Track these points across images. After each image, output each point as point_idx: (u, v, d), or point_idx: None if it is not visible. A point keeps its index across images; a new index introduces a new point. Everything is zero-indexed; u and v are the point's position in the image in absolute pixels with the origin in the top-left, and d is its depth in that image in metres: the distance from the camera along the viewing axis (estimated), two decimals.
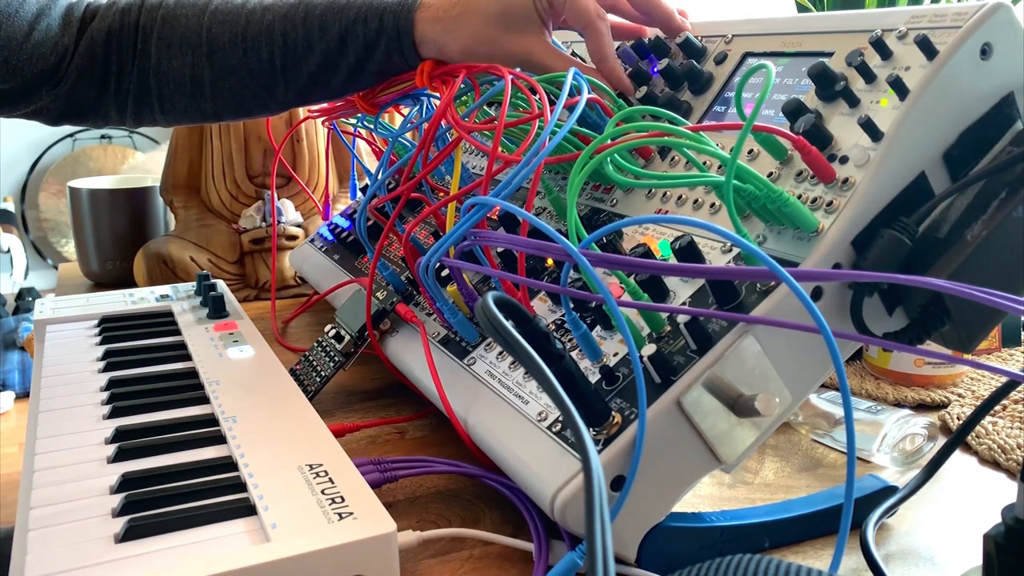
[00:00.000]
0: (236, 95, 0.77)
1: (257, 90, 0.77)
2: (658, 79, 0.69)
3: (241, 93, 0.77)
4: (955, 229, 0.48)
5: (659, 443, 0.46)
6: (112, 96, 0.78)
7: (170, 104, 0.79)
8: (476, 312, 0.41)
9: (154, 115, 0.80)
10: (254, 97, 0.78)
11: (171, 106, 0.79)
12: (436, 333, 0.67)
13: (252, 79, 0.76)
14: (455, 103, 0.64)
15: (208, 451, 0.54)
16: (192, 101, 0.78)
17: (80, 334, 0.77)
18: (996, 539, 0.38)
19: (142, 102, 0.79)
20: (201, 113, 0.79)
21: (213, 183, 1.13)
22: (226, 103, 0.78)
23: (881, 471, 0.61)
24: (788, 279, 0.41)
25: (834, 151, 0.52)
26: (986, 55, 0.49)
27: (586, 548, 0.29)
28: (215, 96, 0.77)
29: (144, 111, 0.80)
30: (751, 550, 0.47)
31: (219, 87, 0.77)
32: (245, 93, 0.77)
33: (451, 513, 0.57)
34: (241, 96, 0.77)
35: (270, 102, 0.78)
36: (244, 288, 1.11)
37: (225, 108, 0.79)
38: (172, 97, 0.78)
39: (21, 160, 3.57)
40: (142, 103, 0.79)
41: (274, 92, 0.77)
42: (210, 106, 0.78)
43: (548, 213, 0.69)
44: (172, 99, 0.78)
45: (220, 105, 0.78)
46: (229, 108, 0.79)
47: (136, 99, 0.79)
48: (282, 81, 0.76)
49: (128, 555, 0.43)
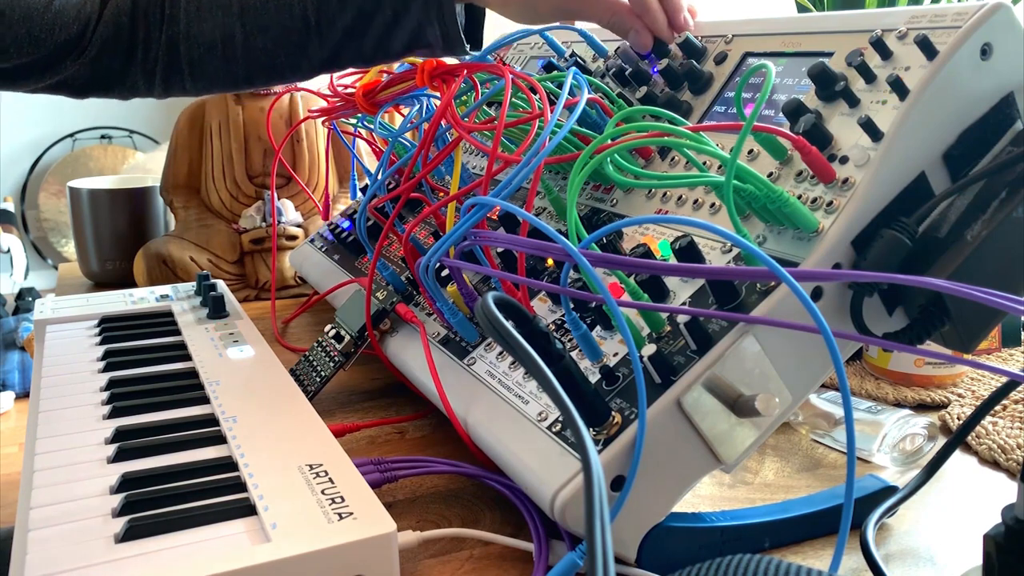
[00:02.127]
0: (269, 55, 0.76)
1: (290, 49, 0.76)
2: (658, 79, 0.69)
3: (274, 53, 0.76)
4: (955, 229, 0.48)
5: (659, 443, 0.46)
6: (140, 65, 0.77)
7: (200, 70, 0.77)
8: (476, 312, 0.41)
9: (184, 83, 0.79)
10: (287, 56, 0.77)
11: (201, 72, 0.77)
12: (436, 333, 0.67)
13: (285, 37, 0.75)
14: (455, 103, 0.64)
15: (208, 451, 0.54)
16: (223, 64, 0.77)
17: (80, 334, 0.77)
18: (996, 539, 0.38)
19: (171, 70, 0.78)
20: (232, 77, 0.78)
21: (213, 183, 1.13)
22: (258, 65, 0.77)
23: (881, 471, 0.61)
24: (788, 279, 0.41)
25: (834, 151, 0.52)
26: (986, 55, 0.49)
27: (586, 548, 0.29)
28: (247, 58, 0.76)
29: (173, 79, 0.78)
30: (751, 550, 0.47)
31: (251, 48, 0.76)
32: (278, 52, 0.76)
33: (451, 513, 0.57)
34: (274, 56, 0.76)
35: (303, 62, 0.77)
36: (244, 288, 1.11)
37: (257, 71, 0.78)
38: (202, 62, 0.77)
39: (21, 160, 3.56)
40: (171, 71, 0.78)
41: (307, 50, 0.76)
42: (242, 69, 0.77)
43: (548, 213, 0.69)
44: (203, 64, 0.77)
45: (252, 67, 0.77)
46: (262, 70, 0.78)
47: (165, 67, 0.77)
48: (316, 38, 0.75)
49: (128, 555, 0.43)
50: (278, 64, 0.77)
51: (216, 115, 1.13)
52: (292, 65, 0.78)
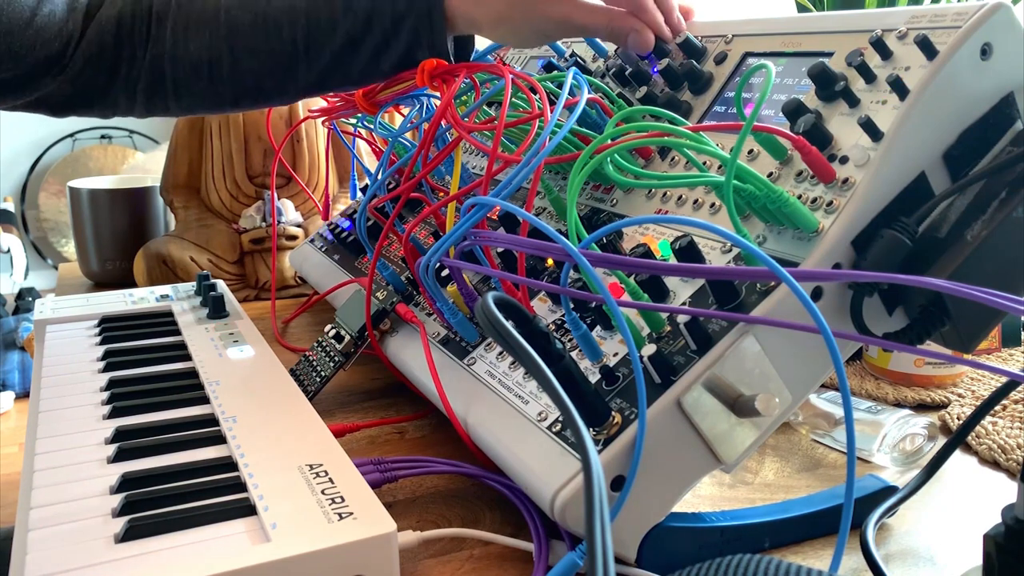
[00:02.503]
0: (256, 78, 0.75)
1: (278, 72, 0.75)
2: (658, 79, 0.69)
3: (261, 76, 0.75)
4: (955, 229, 0.48)
5: (659, 443, 0.46)
6: (122, 84, 0.76)
7: (185, 90, 0.76)
8: (476, 312, 0.41)
9: (167, 103, 0.78)
10: (275, 80, 0.76)
11: (186, 92, 0.77)
12: (436, 333, 0.67)
13: (273, 60, 0.74)
14: (455, 103, 0.64)
15: (208, 451, 0.54)
16: (209, 86, 0.76)
17: (80, 334, 0.77)
18: (996, 539, 0.38)
19: (155, 90, 0.77)
20: (218, 99, 0.77)
21: (213, 183, 1.13)
22: (245, 88, 0.76)
23: (881, 471, 0.61)
24: (788, 279, 0.41)
25: (834, 151, 0.52)
26: (986, 55, 0.49)
27: (586, 548, 0.29)
28: (234, 80, 0.75)
29: (156, 99, 0.77)
30: (751, 550, 0.47)
31: (238, 71, 0.75)
32: (266, 76, 0.75)
33: (451, 513, 0.57)
34: (262, 79, 0.76)
35: (290, 85, 0.76)
36: (244, 288, 1.11)
37: (244, 93, 0.77)
38: (188, 83, 0.76)
39: (21, 160, 3.57)
40: (155, 91, 0.77)
41: (295, 74, 0.75)
42: (228, 91, 0.76)
43: (548, 213, 0.69)
44: (188, 85, 0.76)
45: (239, 90, 0.76)
46: (248, 93, 0.77)
47: (148, 86, 0.76)
48: (304, 62, 0.74)
49: (128, 555, 0.43)
50: (265, 87, 0.76)
51: (216, 115, 1.13)
52: (279, 89, 0.77)
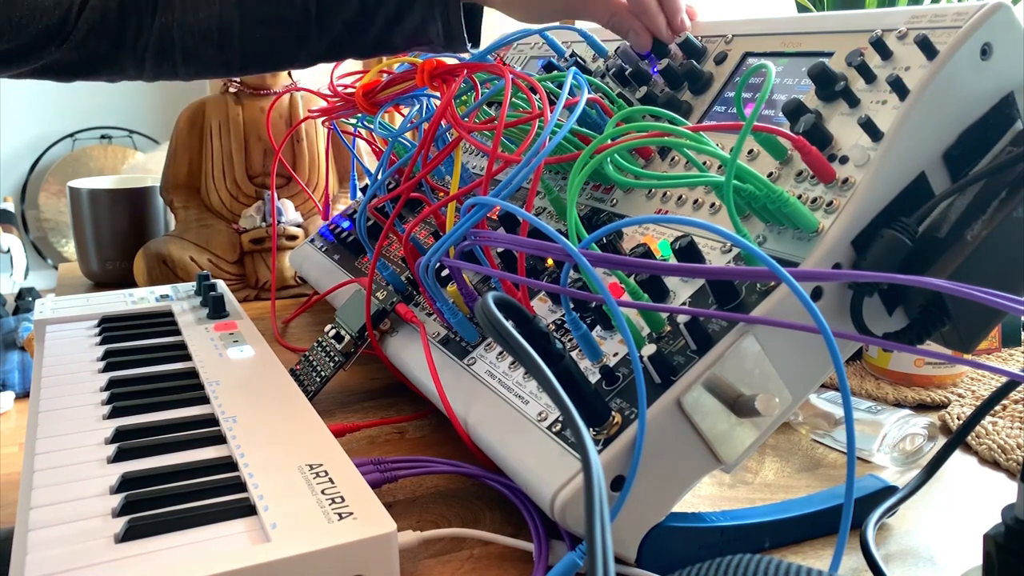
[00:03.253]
0: (267, 46, 0.75)
1: (289, 40, 0.75)
2: (658, 79, 0.69)
3: (272, 43, 0.75)
4: (955, 229, 0.48)
5: (659, 443, 0.46)
6: (129, 51, 0.76)
7: (194, 57, 0.76)
8: (476, 312, 0.41)
9: (176, 69, 0.77)
10: (285, 48, 0.75)
11: (195, 59, 0.76)
12: (436, 333, 0.67)
13: (284, 28, 0.74)
14: (455, 103, 0.64)
15: (208, 451, 0.54)
16: (219, 53, 0.75)
17: (80, 334, 0.77)
18: (996, 539, 0.38)
19: (163, 57, 0.76)
20: (227, 65, 0.77)
21: (213, 183, 1.13)
22: (255, 55, 0.76)
23: (881, 471, 0.61)
24: (788, 279, 0.41)
25: (834, 151, 0.52)
26: (986, 55, 0.49)
27: (586, 548, 0.29)
28: (244, 47, 0.75)
29: (165, 66, 0.77)
30: (751, 550, 0.47)
31: (249, 38, 0.74)
32: (277, 43, 0.75)
33: (451, 513, 0.57)
34: (272, 46, 0.75)
35: (301, 53, 0.76)
36: (244, 288, 1.11)
37: (253, 60, 0.76)
38: (197, 50, 0.75)
39: (21, 160, 3.57)
40: (163, 58, 0.76)
41: (306, 42, 0.75)
42: (237, 58, 0.76)
43: (548, 213, 0.69)
44: (197, 52, 0.75)
45: (248, 57, 0.76)
46: (257, 59, 0.76)
47: (156, 53, 0.76)
48: (316, 30, 0.74)
49: (128, 555, 0.43)
50: (275, 54, 0.76)
51: (216, 115, 1.13)
52: (289, 56, 0.76)
